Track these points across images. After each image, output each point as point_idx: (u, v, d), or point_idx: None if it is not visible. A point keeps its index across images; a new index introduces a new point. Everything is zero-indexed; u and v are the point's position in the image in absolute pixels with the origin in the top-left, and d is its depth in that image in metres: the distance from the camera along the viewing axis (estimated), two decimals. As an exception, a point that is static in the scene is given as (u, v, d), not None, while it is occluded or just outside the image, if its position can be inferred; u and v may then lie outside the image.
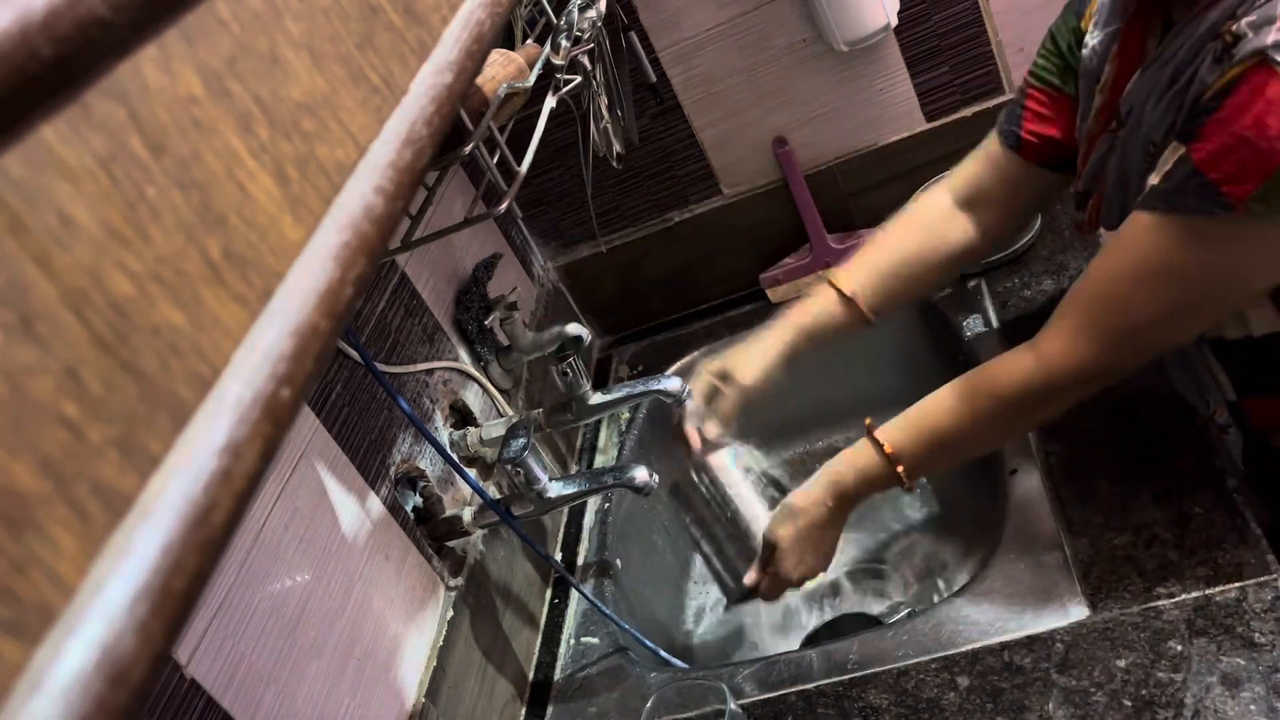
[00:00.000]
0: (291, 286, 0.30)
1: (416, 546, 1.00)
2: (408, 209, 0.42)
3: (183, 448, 0.24)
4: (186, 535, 0.23)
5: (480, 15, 0.47)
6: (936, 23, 1.30)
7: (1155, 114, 0.77)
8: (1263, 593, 0.80)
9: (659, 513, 1.34)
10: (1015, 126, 1.00)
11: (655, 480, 1.02)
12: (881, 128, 1.38)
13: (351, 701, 0.85)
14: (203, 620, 0.73)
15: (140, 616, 0.21)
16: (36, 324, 0.22)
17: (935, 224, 1.06)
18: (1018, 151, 1.00)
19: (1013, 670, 0.85)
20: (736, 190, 1.46)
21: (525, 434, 1.01)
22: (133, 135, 0.26)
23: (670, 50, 1.35)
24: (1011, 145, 1.00)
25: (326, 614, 0.85)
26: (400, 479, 1.01)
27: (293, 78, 0.33)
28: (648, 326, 1.59)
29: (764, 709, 0.93)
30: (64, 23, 0.22)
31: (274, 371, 0.27)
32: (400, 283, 1.12)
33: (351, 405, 0.96)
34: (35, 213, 0.23)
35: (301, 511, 0.85)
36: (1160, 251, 0.75)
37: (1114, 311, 0.80)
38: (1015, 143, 1.00)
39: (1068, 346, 0.83)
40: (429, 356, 1.13)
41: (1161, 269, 0.76)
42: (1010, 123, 1.00)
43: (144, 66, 0.27)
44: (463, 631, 1.01)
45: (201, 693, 0.70)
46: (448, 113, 0.41)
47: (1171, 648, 0.80)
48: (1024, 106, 0.99)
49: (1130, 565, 0.87)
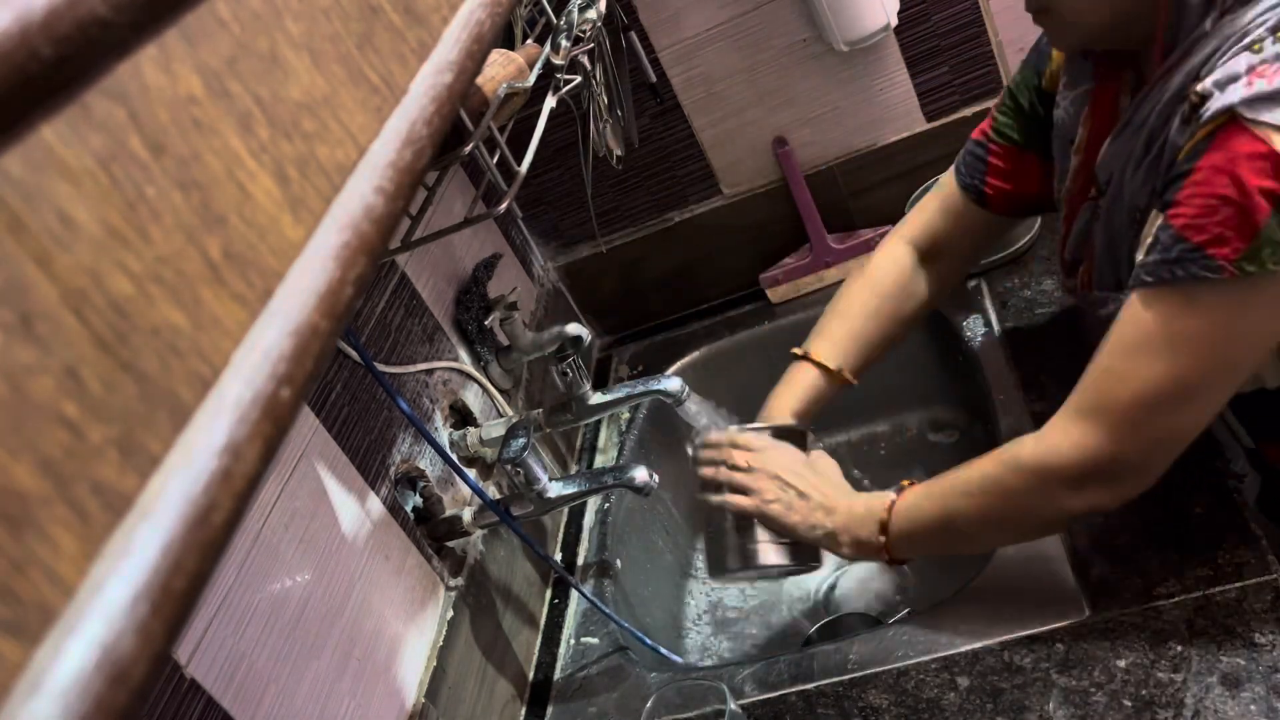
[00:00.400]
0: (291, 286, 0.30)
1: (416, 546, 1.00)
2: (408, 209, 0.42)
3: (183, 448, 0.24)
4: (186, 535, 0.23)
5: (480, 15, 0.47)
6: (936, 23, 1.30)
7: (1135, 182, 0.76)
8: (1263, 593, 0.80)
9: (659, 513, 1.34)
10: (978, 181, 1.00)
11: (655, 480, 1.02)
12: (881, 128, 1.38)
13: (351, 701, 0.85)
14: (203, 620, 0.73)
15: (140, 616, 0.21)
16: (36, 324, 0.22)
17: (902, 284, 1.06)
18: (981, 204, 1.01)
19: (1013, 670, 0.85)
20: (736, 190, 1.46)
21: (525, 434, 1.01)
22: (133, 135, 0.26)
23: (670, 50, 1.35)
24: (976, 200, 1.01)
25: (326, 614, 0.85)
26: (400, 479, 1.01)
27: (293, 78, 0.33)
28: (648, 326, 1.59)
29: (764, 709, 0.93)
30: (64, 23, 0.22)
31: (274, 371, 0.27)
32: (400, 283, 1.12)
33: (351, 405, 0.96)
34: (35, 213, 0.23)
35: (301, 511, 0.85)
36: (1157, 323, 0.72)
37: (1116, 390, 0.74)
38: (979, 197, 1.00)
39: (1068, 430, 0.77)
40: (429, 356, 1.13)
41: (1161, 340, 0.72)
42: (972, 176, 1.01)
43: (144, 66, 0.27)
44: (463, 631, 1.01)
45: (201, 693, 0.70)
46: (448, 113, 0.41)
47: (1171, 648, 0.80)
48: (986, 162, 0.99)
49: (1130, 565, 0.87)
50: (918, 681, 0.88)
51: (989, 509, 0.83)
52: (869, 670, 0.91)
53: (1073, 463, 0.77)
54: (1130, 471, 0.77)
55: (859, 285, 1.07)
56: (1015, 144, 0.97)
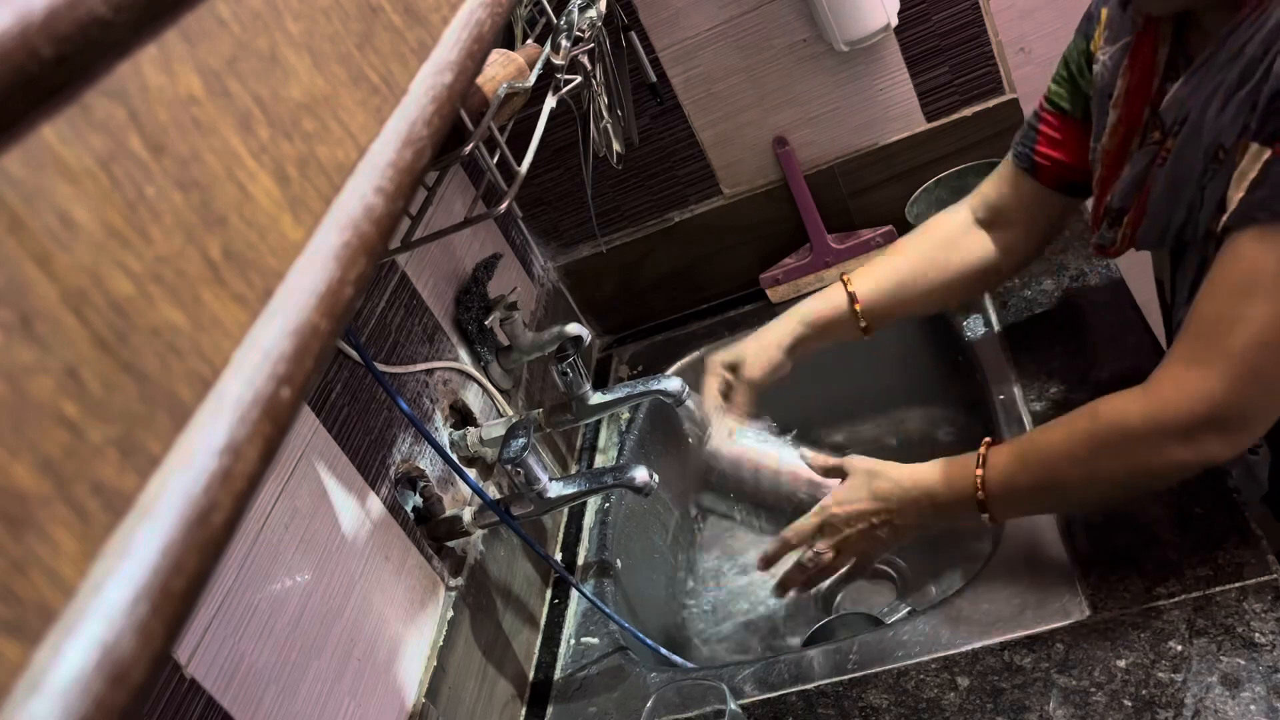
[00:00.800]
0: (291, 286, 0.30)
1: (416, 546, 1.00)
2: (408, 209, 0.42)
3: (183, 448, 0.24)
4: (186, 535, 0.23)
5: (480, 15, 0.47)
6: (936, 23, 1.30)
7: (1223, 118, 0.73)
8: (1263, 593, 0.80)
9: (659, 513, 1.34)
10: (1028, 149, 1.01)
11: (655, 480, 1.02)
12: (881, 128, 1.38)
13: (351, 701, 0.85)
14: (203, 620, 0.73)
15: (140, 616, 0.21)
16: (36, 324, 0.22)
17: (952, 238, 1.07)
18: (1031, 174, 1.01)
19: (1013, 670, 0.85)
20: (736, 190, 1.46)
21: (525, 434, 1.01)
22: (133, 135, 0.26)
23: (670, 50, 1.35)
24: (1025, 167, 1.01)
25: (326, 614, 0.85)
26: (400, 479, 1.01)
27: (293, 78, 0.33)
28: (648, 326, 1.59)
29: (764, 709, 0.93)
30: (64, 23, 0.22)
31: (274, 371, 0.27)
32: (400, 283, 1.12)
33: (351, 405, 0.96)
34: (35, 213, 0.23)
35: (301, 511, 0.85)
36: (1269, 261, 0.69)
37: (1227, 333, 0.71)
38: (1028, 165, 1.01)
39: (1179, 379, 0.74)
40: (429, 356, 1.13)
41: (1273, 280, 0.69)
42: (1024, 144, 1.01)
43: (144, 66, 0.27)
44: (463, 631, 1.01)
45: (201, 693, 0.70)
46: (448, 113, 0.41)
47: (1171, 648, 0.80)
48: (1038, 130, 0.99)
49: (1130, 565, 0.87)
50: (918, 681, 0.88)
51: (1098, 471, 0.80)
52: (869, 670, 0.91)
53: (1187, 413, 0.74)
54: (1247, 419, 0.74)
55: (913, 233, 1.10)
56: (1065, 112, 0.97)
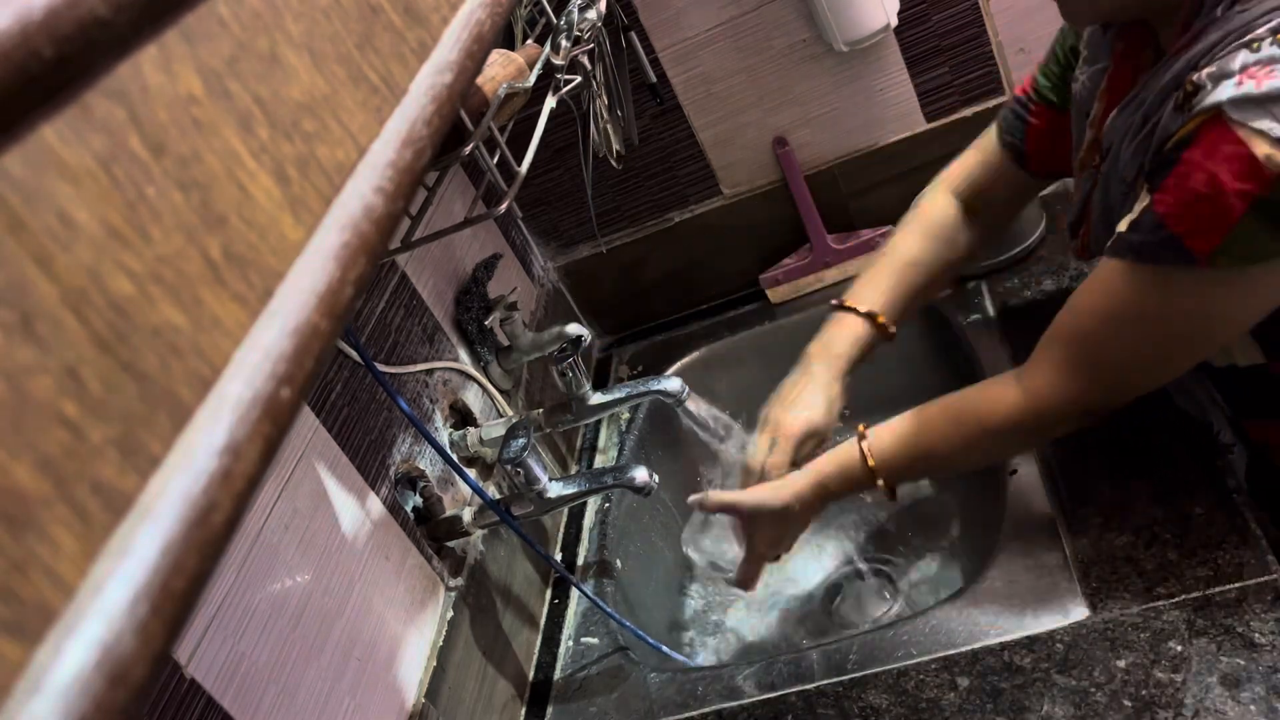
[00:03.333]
0: (291, 286, 0.30)
1: (416, 547, 1.00)
2: (408, 209, 0.42)
3: (183, 448, 0.24)
4: (186, 535, 0.23)
5: (480, 15, 0.47)
6: (936, 23, 1.30)
7: (1128, 154, 0.78)
8: (1263, 593, 0.80)
9: (659, 513, 1.34)
10: (1019, 140, 1.01)
11: (655, 480, 1.02)
12: (881, 128, 1.38)
13: (351, 701, 0.85)
14: (203, 620, 0.73)
15: (140, 616, 0.21)
16: (36, 324, 0.22)
17: (948, 232, 1.07)
18: (1021, 164, 1.01)
19: (1013, 670, 0.85)
20: (736, 190, 1.46)
21: (525, 434, 1.01)
22: (133, 135, 0.26)
23: (670, 50, 1.35)
24: (1015, 159, 1.01)
25: (326, 614, 0.85)
26: (400, 479, 1.01)
27: (293, 78, 0.33)
28: (648, 326, 1.59)
29: (764, 709, 0.93)
30: (64, 23, 0.22)
31: (274, 371, 0.27)
32: (400, 283, 1.12)
33: (351, 405, 0.96)
34: (35, 213, 0.23)
35: (301, 512, 0.85)
36: (1132, 298, 0.76)
37: (1094, 349, 0.81)
38: (1019, 156, 1.01)
39: (1051, 381, 0.84)
40: (429, 357, 1.13)
41: (1134, 315, 0.77)
42: (1014, 134, 1.01)
43: (144, 66, 0.27)
44: (463, 631, 1.01)
45: (201, 693, 0.70)
46: (448, 113, 0.41)
47: (1171, 648, 0.80)
48: (1027, 121, 0.99)
49: (1130, 565, 0.87)
50: (918, 681, 0.88)
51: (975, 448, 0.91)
52: (869, 670, 0.91)
53: (1063, 410, 0.85)
54: (1114, 407, 0.85)
55: (909, 232, 1.08)
56: (1053, 105, 0.97)
